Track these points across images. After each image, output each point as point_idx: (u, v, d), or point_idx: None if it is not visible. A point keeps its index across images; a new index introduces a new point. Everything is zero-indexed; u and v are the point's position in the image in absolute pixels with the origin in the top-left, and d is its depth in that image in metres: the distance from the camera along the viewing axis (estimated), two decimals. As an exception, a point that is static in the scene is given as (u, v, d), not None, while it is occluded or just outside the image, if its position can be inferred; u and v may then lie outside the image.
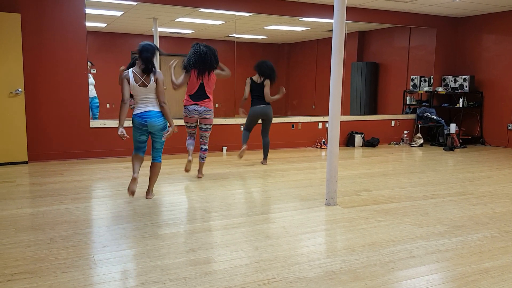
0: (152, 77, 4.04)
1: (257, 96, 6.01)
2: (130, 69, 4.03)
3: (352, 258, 2.90)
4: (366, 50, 10.11)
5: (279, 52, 11.22)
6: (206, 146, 5.25)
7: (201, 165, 5.32)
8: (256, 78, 6.01)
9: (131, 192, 4.06)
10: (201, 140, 5.22)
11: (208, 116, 5.06)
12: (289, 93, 11.23)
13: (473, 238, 3.32)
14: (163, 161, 6.46)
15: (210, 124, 5.14)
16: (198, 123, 5.18)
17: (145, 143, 4.23)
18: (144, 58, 3.97)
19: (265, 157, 6.26)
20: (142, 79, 4.01)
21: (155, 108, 4.08)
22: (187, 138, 5.27)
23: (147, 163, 5.98)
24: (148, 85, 4.03)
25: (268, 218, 3.75)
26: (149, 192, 4.33)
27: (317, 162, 6.55)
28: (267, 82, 5.98)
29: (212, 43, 9.94)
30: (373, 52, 9.99)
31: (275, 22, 8.59)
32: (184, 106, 5.09)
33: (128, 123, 6.47)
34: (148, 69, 4.00)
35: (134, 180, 4.07)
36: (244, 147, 5.92)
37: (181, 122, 6.97)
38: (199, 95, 5.02)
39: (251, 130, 6.16)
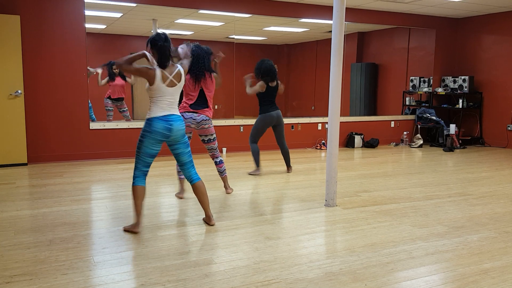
0: (182, 75, 3.41)
1: (270, 100, 5.51)
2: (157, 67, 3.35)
3: (352, 259, 2.90)
4: (366, 51, 10.12)
5: (278, 53, 11.23)
6: (220, 158, 4.64)
7: (224, 180, 4.69)
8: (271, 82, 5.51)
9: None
10: (210, 154, 4.62)
11: (207, 126, 4.41)
12: (289, 94, 11.23)
13: (473, 239, 3.32)
14: (164, 161, 6.46)
15: (212, 134, 4.50)
16: (200, 136, 4.54)
17: (152, 161, 3.46)
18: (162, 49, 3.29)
19: (289, 165, 5.82)
20: (171, 78, 3.34)
21: (177, 111, 3.43)
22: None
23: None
24: (178, 84, 3.39)
25: (267, 219, 3.75)
26: (209, 217, 3.61)
27: (317, 163, 6.55)
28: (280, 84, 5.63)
29: (212, 45, 9.92)
30: (372, 53, 10.00)
31: (275, 23, 8.59)
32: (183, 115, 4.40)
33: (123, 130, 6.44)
34: (163, 64, 3.33)
35: (137, 225, 3.42)
36: (258, 171, 5.61)
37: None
38: (198, 104, 4.41)
39: (258, 141, 5.66)
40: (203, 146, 7.33)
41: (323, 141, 8.24)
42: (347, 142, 8.48)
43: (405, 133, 8.86)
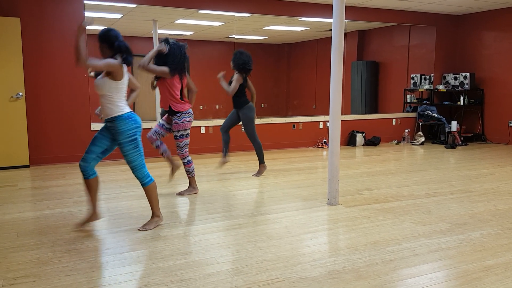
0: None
1: (244, 91, 5.37)
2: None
3: (355, 257, 2.89)
4: (366, 49, 10.12)
5: (279, 52, 11.22)
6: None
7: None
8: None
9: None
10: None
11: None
12: (290, 93, 11.23)
13: (476, 236, 3.31)
14: (166, 162, 6.46)
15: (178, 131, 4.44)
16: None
17: None
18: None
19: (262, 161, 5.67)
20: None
21: None
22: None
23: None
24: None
25: (270, 218, 3.75)
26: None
27: (319, 162, 6.55)
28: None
29: (212, 44, 9.93)
30: (373, 51, 9.99)
31: (275, 23, 8.59)
32: (190, 111, 4.44)
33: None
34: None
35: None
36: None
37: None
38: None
39: None
40: (201, 147, 7.34)
41: (324, 140, 8.23)
42: (349, 141, 8.48)
43: (406, 130, 8.85)
